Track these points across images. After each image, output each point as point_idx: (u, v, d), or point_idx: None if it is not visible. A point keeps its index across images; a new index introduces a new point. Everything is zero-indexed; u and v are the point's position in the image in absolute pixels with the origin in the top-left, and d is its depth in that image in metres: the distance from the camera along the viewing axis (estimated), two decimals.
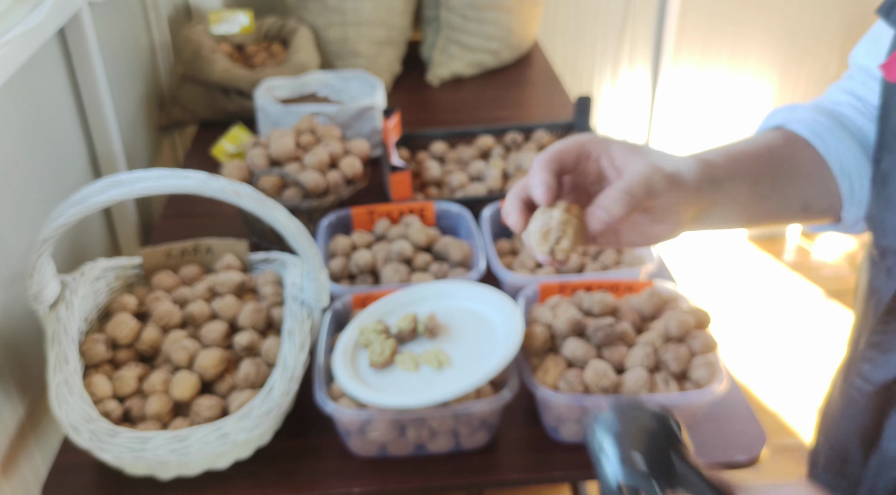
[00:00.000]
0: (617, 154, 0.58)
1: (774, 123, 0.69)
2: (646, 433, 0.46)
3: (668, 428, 0.47)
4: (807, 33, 2.31)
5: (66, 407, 0.81)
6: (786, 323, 2.33)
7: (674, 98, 2.38)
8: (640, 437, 0.46)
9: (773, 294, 2.44)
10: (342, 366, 0.87)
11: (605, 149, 0.59)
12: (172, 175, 0.77)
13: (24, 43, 0.97)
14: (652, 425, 0.47)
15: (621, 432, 0.46)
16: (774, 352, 2.24)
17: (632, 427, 0.47)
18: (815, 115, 0.68)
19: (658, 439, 0.46)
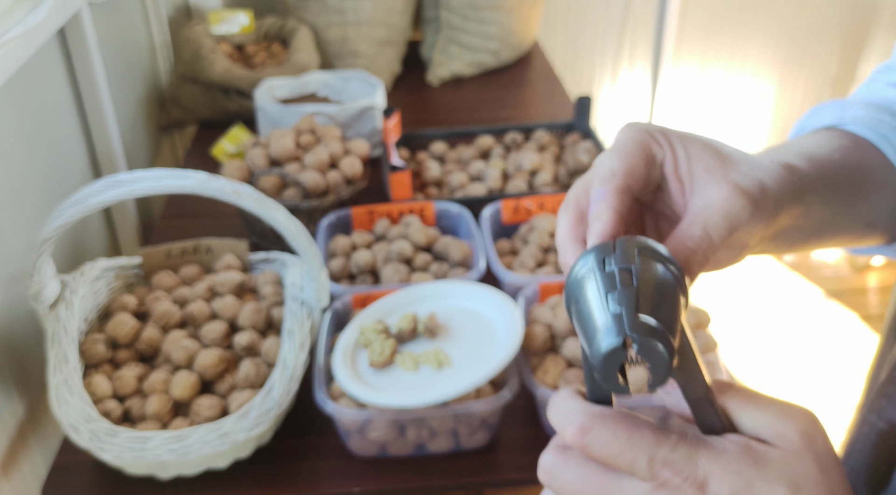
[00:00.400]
0: (683, 160, 0.43)
1: (823, 123, 0.55)
2: (663, 286, 0.36)
3: (682, 289, 0.37)
4: (807, 33, 2.31)
5: (66, 406, 0.81)
6: (786, 323, 2.33)
7: (674, 98, 2.38)
8: (660, 295, 0.35)
9: (773, 293, 2.44)
10: (342, 366, 0.87)
11: (672, 152, 0.43)
12: (172, 175, 0.77)
13: (24, 43, 0.97)
14: (669, 279, 0.36)
15: (639, 272, 0.36)
16: (774, 351, 2.24)
17: (650, 272, 0.36)
18: (874, 113, 0.55)
19: (675, 299, 0.36)
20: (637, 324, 0.34)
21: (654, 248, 0.37)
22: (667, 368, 0.34)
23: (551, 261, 1.11)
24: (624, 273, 0.35)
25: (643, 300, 0.34)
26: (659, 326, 0.34)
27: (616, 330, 0.34)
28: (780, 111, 2.45)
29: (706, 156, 0.43)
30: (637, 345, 0.33)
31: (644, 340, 0.33)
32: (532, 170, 1.33)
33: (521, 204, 1.19)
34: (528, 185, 1.31)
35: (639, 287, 0.35)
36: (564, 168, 1.36)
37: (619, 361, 0.34)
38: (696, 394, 0.36)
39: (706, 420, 0.37)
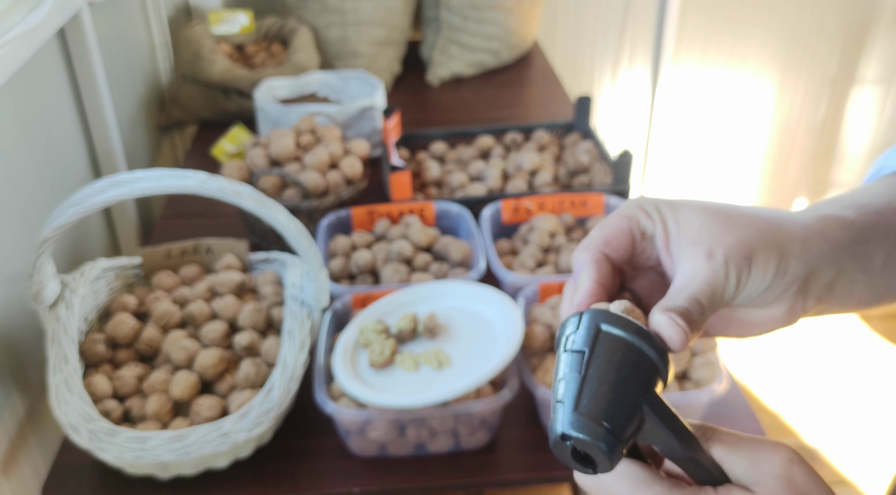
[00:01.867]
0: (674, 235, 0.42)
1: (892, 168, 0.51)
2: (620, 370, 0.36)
3: (650, 366, 0.36)
4: (807, 33, 2.31)
5: (66, 406, 0.81)
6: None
7: (674, 98, 2.38)
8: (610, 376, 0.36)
9: None
10: (342, 366, 0.87)
11: (664, 227, 0.42)
12: (172, 175, 0.77)
13: (24, 43, 0.97)
14: (631, 359, 0.36)
15: (589, 357, 0.36)
16: (774, 351, 2.24)
17: (604, 357, 0.36)
18: None
19: (635, 382, 0.36)
20: (573, 420, 0.35)
21: (625, 323, 0.37)
22: (607, 459, 0.35)
23: (551, 261, 1.11)
24: (577, 357, 0.36)
25: (585, 395, 0.35)
26: (595, 423, 0.35)
27: (558, 425, 0.35)
28: (780, 111, 2.45)
29: (697, 224, 0.41)
30: (572, 440, 0.35)
31: (578, 437, 0.35)
32: (532, 170, 1.33)
33: (521, 204, 1.19)
34: (528, 185, 1.31)
35: (585, 377, 0.36)
36: (564, 168, 1.36)
37: (564, 451, 0.36)
38: (675, 457, 0.37)
39: (697, 475, 0.38)
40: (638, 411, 0.36)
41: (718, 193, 2.58)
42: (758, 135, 2.48)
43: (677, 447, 0.36)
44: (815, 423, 2.02)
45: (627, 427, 0.35)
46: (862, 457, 1.92)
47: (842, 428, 2.00)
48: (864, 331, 2.32)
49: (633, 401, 0.35)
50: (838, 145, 2.52)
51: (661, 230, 0.42)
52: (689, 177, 2.55)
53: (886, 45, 2.32)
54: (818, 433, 1.99)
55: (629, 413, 0.35)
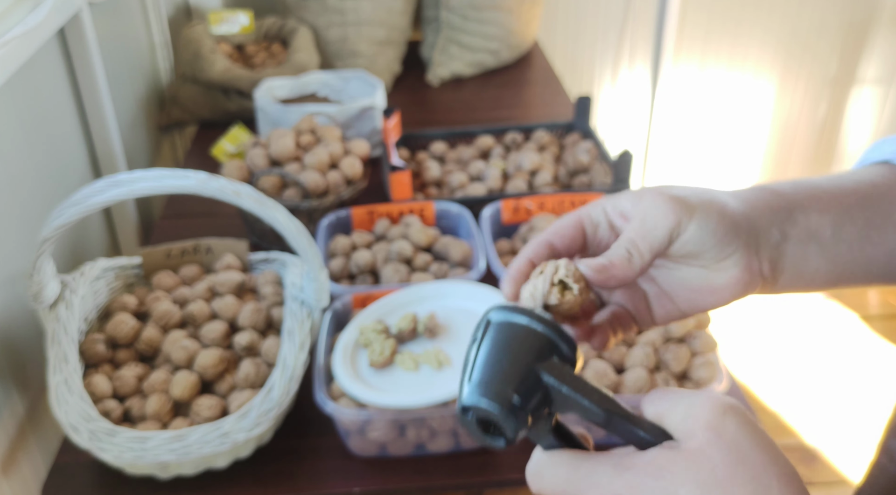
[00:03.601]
0: (625, 205, 0.47)
1: (879, 157, 0.54)
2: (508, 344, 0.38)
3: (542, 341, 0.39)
4: (807, 33, 2.31)
5: (66, 406, 0.81)
6: (786, 323, 2.33)
7: (674, 98, 2.38)
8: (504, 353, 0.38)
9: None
10: (342, 366, 0.87)
11: (613, 208, 0.47)
12: (172, 175, 0.77)
13: (24, 43, 0.97)
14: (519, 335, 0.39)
15: (479, 343, 0.39)
16: (774, 351, 2.24)
17: (492, 337, 0.39)
18: None
19: (525, 353, 0.38)
20: (467, 391, 0.38)
21: (512, 308, 0.40)
22: (508, 421, 0.37)
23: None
24: (472, 346, 0.39)
25: (476, 369, 0.38)
26: (487, 387, 0.37)
27: (459, 400, 0.38)
28: (780, 111, 2.45)
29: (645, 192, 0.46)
30: (471, 411, 0.37)
31: (474, 406, 0.37)
32: (532, 170, 1.33)
33: (521, 204, 1.19)
34: (528, 185, 1.31)
35: (475, 357, 0.38)
36: (564, 168, 1.36)
37: (471, 425, 0.38)
38: (600, 423, 0.38)
39: (631, 438, 0.38)
40: (533, 374, 0.38)
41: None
42: (758, 135, 2.49)
43: (596, 409, 0.37)
44: (815, 423, 2.02)
45: (523, 392, 0.37)
46: (862, 457, 1.92)
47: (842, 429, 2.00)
48: (864, 330, 2.32)
49: (524, 368, 0.38)
50: (838, 145, 2.52)
51: (614, 208, 0.47)
52: (689, 177, 2.55)
53: (886, 45, 2.32)
54: (818, 433, 1.99)
55: (521, 378, 0.37)
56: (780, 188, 0.48)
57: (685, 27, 2.27)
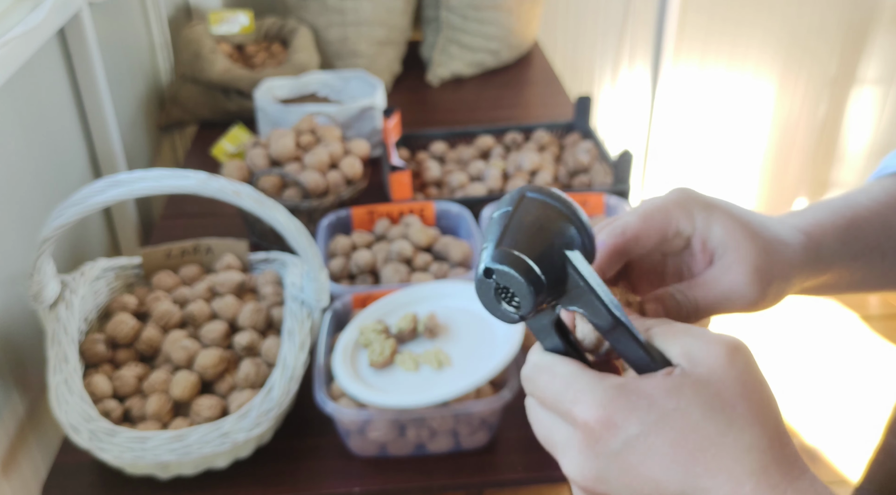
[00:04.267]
0: (714, 236, 0.44)
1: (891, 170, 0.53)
2: (541, 220, 0.38)
3: (572, 230, 0.38)
4: (807, 33, 2.31)
5: (66, 406, 0.81)
6: (786, 323, 2.33)
7: (674, 98, 2.38)
8: (536, 228, 0.37)
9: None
10: (342, 366, 0.87)
11: (700, 229, 0.44)
12: (172, 175, 0.77)
13: (24, 43, 0.97)
14: (552, 216, 0.38)
15: (512, 213, 0.38)
16: (774, 351, 2.24)
17: (527, 210, 0.38)
18: None
19: (555, 235, 0.37)
20: (495, 254, 0.37)
21: (549, 192, 0.39)
22: (529, 294, 0.36)
23: None
24: (503, 216, 0.38)
25: (508, 236, 0.37)
26: (516, 254, 0.36)
27: (482, 262, 0.37)
28: (780, 111, 2.45)
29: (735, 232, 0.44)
30: (495, 274, 0.37)
31: (500, 268, 0.36)
32: (532, 170, 1.33)
33: None
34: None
35: (507, 225, 0.38)
36: (564, 168, 1.36)
37: (488, 290, 0.37)
38: (603, 327, 0.38)
39: (628, 352, 0.38)
40: (558, 258, 0.37)
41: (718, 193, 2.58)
42: (758, 135, 2.48)
43: (605, 312, 0.37)
44: (815, 423, 2.02)
45: (548, 268, 0.37)
46: (862, 457, 1.92)
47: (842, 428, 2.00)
48: (864, 331, 2.32)
49: (553, 248, 0.37)
50: (838, 145, 2.52)
51: (701, 232, 0.45)
52: (689, 178, 2.55)
53: (886, 45, 2.32)
54: (818, 433, 1.99)
55: (549, 256, 0.37)
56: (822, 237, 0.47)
57: (685, 27, 2.27)
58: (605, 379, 0.36)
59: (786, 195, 2.61)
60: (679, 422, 0.34)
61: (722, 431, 0.34)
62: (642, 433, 0.34)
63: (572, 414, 0.36)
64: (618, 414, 0.35)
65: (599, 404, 0.35)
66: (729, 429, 0.34)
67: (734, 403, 0.34)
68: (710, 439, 0.34)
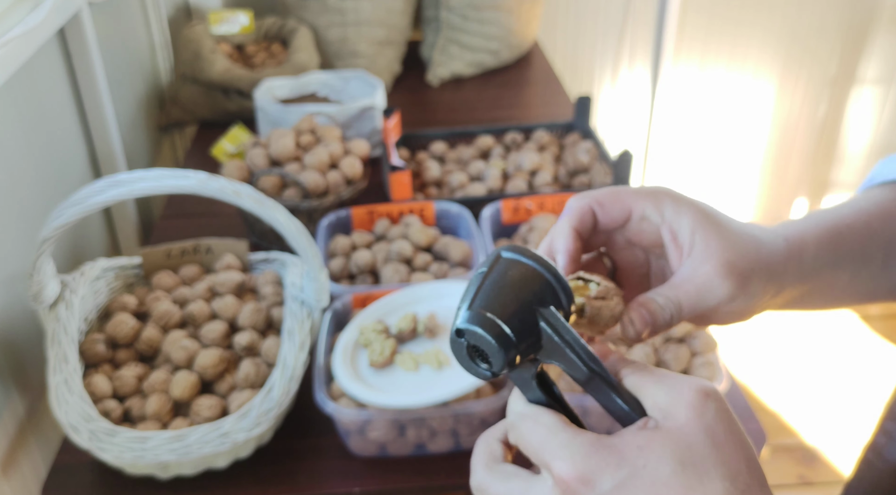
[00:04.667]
0: (683, 229, 0.45)
1: (893, 175, 0.53)
2: (514, 281, 0.38)
3: (545, 287, 0.39)
4: (807, 33, 2.31)
5: (66, 406, 0.81)
6: (786, 323, 2.33)
7: (674, 98, 2.38)
8: (508, 289, 0.38)
9: None
10: (342, 366, 0.87)
11: (669, 220, 0.45)
12: (172, 175, 0.77)
13: (24, 43, 0.97)
14: (526, 275, 0.39)
15: (486, 273, 0.39)
16: (774, 351, 2.24)
17: (500, 271, 0.39)
18: None
19: (528, 294, 0.38)
20: (467, 315, 0.38)
21: (524, 251, 0.40)
22: (499, 353, 0.37)
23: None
24: (478, 277, 0.39)
25: (480, 296, 0.38)
26: (486, 315, 0.37)
27: (454, 323, 0.38)
28: (780, 111, 2.45)
29: (705, 227, 0.44)
30: (465, 334, 0.38)
31: (469, 329, 0.37)
32: (532, 170, 1.33)
33: (521, 204, 1.19)
34: (528, 185, 1.31)
35: (480, 285, 0.39)
36: (564, 168, 1.36)
37: (461, 349, 0.38)
38: (580, 378, 0.38)
39: (606, 402, 0.39)
40: (531, 316, 0.38)
41: (718, 193, 2.58)
42: (758, 135, 2.48)
43: (581, 366, 0.38)
44: (815, 423, 2.02)
45: (518, 329, 0.37)
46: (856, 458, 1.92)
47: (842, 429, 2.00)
48: (864, 331, 2.32)
49: (525, 307, 0.38)
50: (838, 145, 2.52)
51: (668, 222, 0.45)
52: (689, 177, 2.54)
53: (886, 45, 2.32)
54: (818, 433, 1.99)
55: (521, 315, 0.38)
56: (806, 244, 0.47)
57: (685, 27, 2.27)
58: (582, 435, 0.36)
59: (786, 195, 2.61)
60: (649, 478, 0.34)
61: (692, 485, 0.34)
62: (614, 489, 0.34)
63: (551, 469, 0.36)
64: (592, 471, 0.35)
65: (575, 461, 0.35)
66: (699, 484, 0.34)
67: (704, 455, 0.35)
68: (681, 494, 0.34)
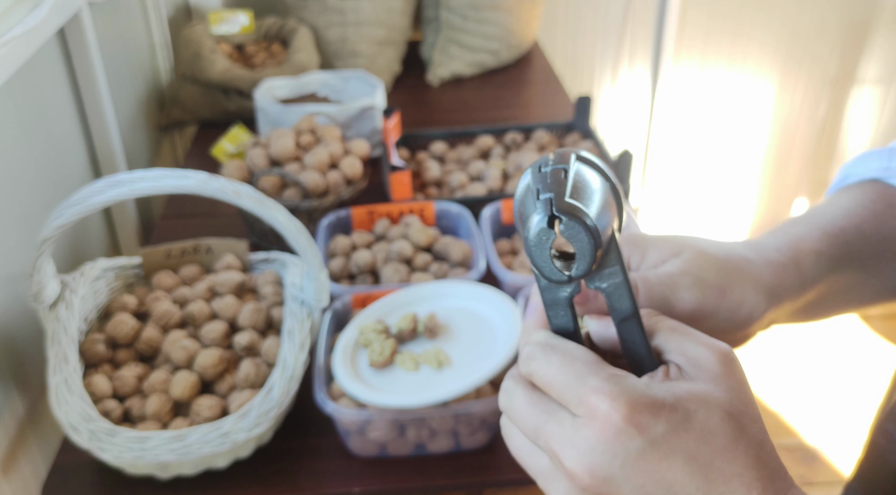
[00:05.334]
0: (652, 257, 0.45)
1: (868, 175, 0.53)
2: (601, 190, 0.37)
3: (619, 205, 0.37)
4: (807, 33, 2.31)
5: (66, 406, 0.81)
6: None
7: (674, 98, 2.38)
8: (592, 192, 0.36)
9: None
10: (342, 366, 0.87)
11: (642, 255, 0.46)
12: (172, 175, 0.77)
13: (24, 43, 0.97)
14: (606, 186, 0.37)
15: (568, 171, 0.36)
16: (774, 351, 2.24)
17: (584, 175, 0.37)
18: None
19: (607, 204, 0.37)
20: (563, 204, 0.34)
21: (597, 163, 0.38)
22: (591, 252, 0.34)
23: None
24: (557, 172, 0.36)
25: (573, 189, 0.35)
26: (584, 208, 0.34)
27: (544, 211, 0.35)
28: (780, 111, 2.45)
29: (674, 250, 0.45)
30: (563, 224, 0.34)
31: (569, 219, 0.34)
32: None
33: None
34: None
35: (567, 181, 0.36)
36: None
37: (548, 241, 0.35)
38: (622, 313, 0.37)
39: (632, 343, 0.37)
40: (611, 232, 0.36)
41: (718, 193, 2.58)
42: (758, 135, 2.48)
43: (627, 296, 0.37)
44: (815, 423, 2.02)
45: (602, 232, 0.35)
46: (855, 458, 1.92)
47: (842, 429, 2.00)
48: (864, 331, 2.32)
49: (609, 219, 0.36)
50: (838, 145, 2.52)
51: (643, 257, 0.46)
52: (689, 178, 2.54)
53: (886, 45, 2.32)
54: (818, 433, 1.99)
55: (606, 225, 0.36)
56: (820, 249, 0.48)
57: (685, 27, 2.27)
58: (627, 374, 0.35)
59: (786, 195, 2.61)
60: (700, 425, 0.34)
61: (736, 437, 0.34)
62: (667, 433, 0.33)
63: (590, 404, 0.34)
64: (644, 412, 0.33)
65: (626, 400, 0.34)
66: (742, 434, 0.34)
67: (742, 409, 0.35)
68: (726, 445, 0.34)
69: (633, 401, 0.34)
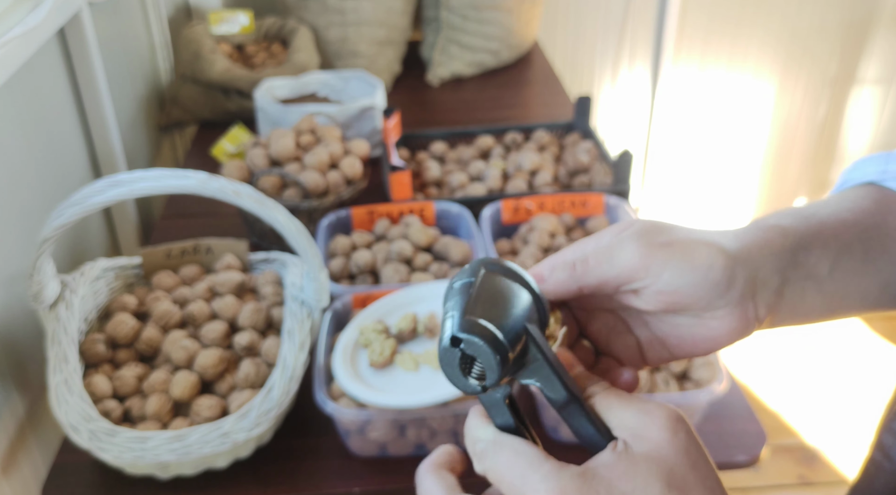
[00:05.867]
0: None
1: (865, 178, 0.53)
2: (505, 293, 0.38)
3: (532, 304, 0.39)
4: (807, 33, 2.31)
5: (66, 406, 0.81)
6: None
7: (674, 98, 2.38)
8: (500, 300, 0.38)
9: None
10: (342, 366, 0.87)
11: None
12: (172, 175, 0.77)
13: (24, 43, 0.97)
14: (513, 290, 0.38)
15: (474, 284, 0.38)
16: (774, 352, 2.24)
17: (490, 283, 0.38)
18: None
19: (518, 308, 0.38)
20: (462, 323, 0.36)
21: (506, 267, 0.39)
22: (496, 364, 0.36)
23: None
24: (465, 287, 0.38)
25: (473, 305, 0.37)
26: (483, 324, 0.36)
27: (449, 330, 0.36)
28: (780, 111, 2.45)
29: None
30: (463, 344, 0.36)
31: (468, 336, 0.36)
32: (532, 170, 1.33)
33: (521, 204, 1.19)
34: (528, 185, 1.31)
35: (471, 295, 0.37)
36: (564, 168, 1.36)
37: (455, 360, 0.37)
38: (558, 402, 0.38)
39: (579, 428, 0.38)
40: (522, 332, 0.37)
41: (718, 193, 2.58)
42: (758, 135, 2.48)
43: (562, 389, 0.37)
44: (815, 423, 2.02)
45: (513, 339, 0.36)
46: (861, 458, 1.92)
47: (842, 429, 2.00)
48: (864, 331, 2.32)
49: (517, 320, 0.37)
50: (838, 145, 2.52)
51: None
52: (689, 177, 2.55)
53: (886, 45, 2.32)
54: (818, 433, 1.99)
55: (514, 327, 0.37)
56: (785, 224, 0.46)
57: (685, 27, 2.27)
58: (565, 466, 0.36)
59: (786, 195, 2.61)
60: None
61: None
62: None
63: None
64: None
65: (562, 492, 0.35)
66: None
67: (685, 476, 0.35)
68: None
69: (571, 494, 0.35)
